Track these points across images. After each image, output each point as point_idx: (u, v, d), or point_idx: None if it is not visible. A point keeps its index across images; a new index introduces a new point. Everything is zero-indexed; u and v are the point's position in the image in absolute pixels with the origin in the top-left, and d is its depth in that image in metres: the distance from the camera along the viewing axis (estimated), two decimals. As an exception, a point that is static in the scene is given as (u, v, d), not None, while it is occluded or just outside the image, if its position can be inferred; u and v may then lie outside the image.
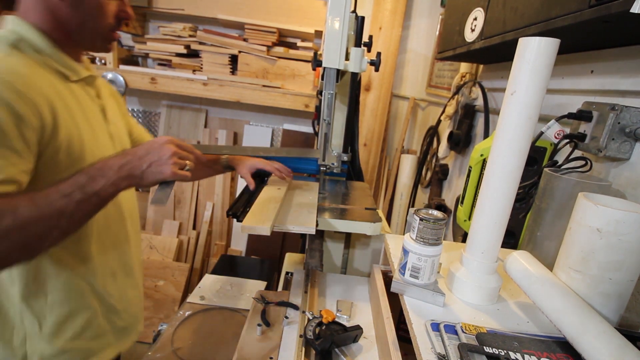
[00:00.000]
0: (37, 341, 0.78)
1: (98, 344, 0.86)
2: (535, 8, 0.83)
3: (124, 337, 0.93)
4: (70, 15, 0.75)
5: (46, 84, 0.71)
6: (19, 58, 0.69)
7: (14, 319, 0.77)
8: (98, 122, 0.83)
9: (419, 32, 2.39)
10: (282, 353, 0.76)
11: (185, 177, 0.74)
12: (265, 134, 2.69)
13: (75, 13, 0.75)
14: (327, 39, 0.98)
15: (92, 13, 0.76)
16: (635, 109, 0.74)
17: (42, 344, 0.78)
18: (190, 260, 2.66)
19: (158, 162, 0.71)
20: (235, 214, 1.06)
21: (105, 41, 0.83)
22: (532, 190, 0.87)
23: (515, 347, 0.55)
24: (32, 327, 0.77)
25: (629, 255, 0.56)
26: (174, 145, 0.73)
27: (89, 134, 0.78)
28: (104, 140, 0.84)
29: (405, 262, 0.71)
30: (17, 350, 0.77)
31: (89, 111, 0.81)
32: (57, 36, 0.76)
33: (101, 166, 0.68)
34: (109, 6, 0.79)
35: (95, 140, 0.79)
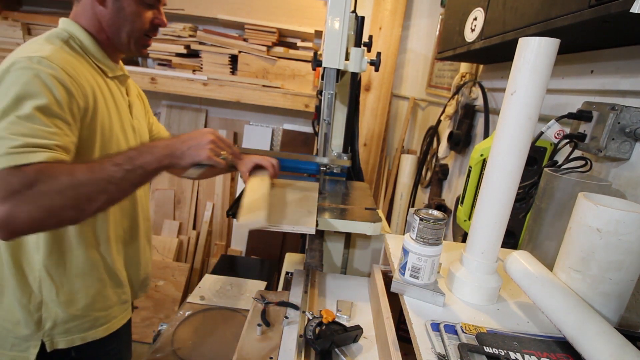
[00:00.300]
0: (53, 307, 0.86)
1: (105, 315, 0.95)
2: (535, 8, 0.83)
3: (125, 310, 1.02)
4: (111, 21, 0.88)
5: (89, 75, 0.85)
6: (69, 51, 0.83)
7: (32, 284, 0.85)
8: (125, 116, 0.96)
9: (419, 32, 2.39)
10: (282, 353, 0.76)
11: (218, 164, 0.85)
12: (265, 134, 2.69)
13: (115, 19, 0.88)
14: (327, 39, 0.98)
15: (130, 20, 0.89)
16: (635, 109, 0.74)
17: (57, 310, 0.86)
18: (190, 260, 2.66)
19: (197, 146, 0.82)
20: (235, 214, 1.06)
21: (140, 45, 0.94)
22: (532, 190, 0.87)
23: (515, 347, 0.55)
24: (50, 294, 0.85)
25: (629, 255, 0.56)
26: (214, 136, 0.85)
27: (118, 124, 0.91)
28: (129, 132, 0.96)
29: (405, 262, 0.71)
30: (33, 315, 0.85)
31: (120, 105, 0.94)
32: (100, 38, 0.90)
33: (150, 144, 0.80)
34: (145, 14, 0.91)
35: (122, 130, 0.92)
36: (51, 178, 0.67)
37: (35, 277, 0.85)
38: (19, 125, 0.68)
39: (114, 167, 0.73)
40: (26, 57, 0.73)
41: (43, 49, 0.77)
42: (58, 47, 0.81)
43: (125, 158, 0.75)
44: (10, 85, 0.71)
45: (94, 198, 0.71)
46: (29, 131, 0.68)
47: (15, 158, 0.65)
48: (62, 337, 0.88)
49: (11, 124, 0.68)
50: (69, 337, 0.89)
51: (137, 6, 0.89)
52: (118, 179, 0.73)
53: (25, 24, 2.28)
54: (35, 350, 0.86)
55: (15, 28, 2.26)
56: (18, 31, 2.26)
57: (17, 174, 0.65)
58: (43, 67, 0.73)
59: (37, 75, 0.72)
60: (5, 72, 0.72)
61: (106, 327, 0.95)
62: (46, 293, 0.86)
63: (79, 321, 0.90)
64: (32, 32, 2.30)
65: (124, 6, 0.87)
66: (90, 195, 0.71)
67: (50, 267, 0.85)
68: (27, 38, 2.26)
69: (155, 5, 0.93)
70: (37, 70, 0.72)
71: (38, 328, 0.86)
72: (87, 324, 0.91)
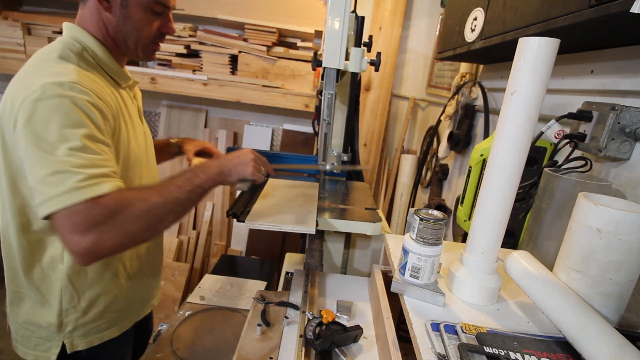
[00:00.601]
0: (73, 313, 0.90)
1: (120, 316, 0.99)
2: (535, 8, 0.83)
3: (140, 309, 1.07)
4: (118, 29, 0.87)
5: (108, 90, 0.86)
6: (86, 68, 0.83)
7: (55, 294, 0.88)
8: (137, 125, 0.98)
9: (419, 32, 2.39)
10: (282, 353, 0.76)
11: (259, 178, 0.95)
12: (265, 134, 2.69)
13: (122, 27, 0.87)
14: (327, 39, 0.98)
15: (137, 27, 0.88)
16: (635, 109, 0.74)
17: (77, 314, 0.90)
18: (190, 260, 2.66)
19: (242, 164, 0.92)
20: (235, 214, 1.06)
21: (148, 52, 0.94)
22: (532, 190, 0.87)
23: (515, 347, 0.55)
24: (71, 302, 0.89)
25: (629, 255, 0.56)
26: (254, 154, 0.95)
27: (133, 134, 0.93)
28: (141, 139, 0.98)
29: (405, 262, 0.71)
30: (54, 320, 0.89)
31: (132, 114, 0.96)
32: (107, 44, 0.88)
33: (202, 166, 0.87)
34: (153, 22, 0.90)
35: (135, 139, 0.94)
36: (129, 205, 0.72)
37: (58, 286, 0.87)
38: (75, 157, 0.70)
39: (178, 190, 0.80)
40: (56, 84, 0.72)
41: (66, 71, 0.77)
42: (76, 65, 0.81)
43: (185, 180, 0.82)
44: (49, 116, 0.71)
45: (164, 219, 0.79)
46: (86, 162, 0.71)
47: (88, 191, 0.69)
48: (81, 339, 0.92)
49: (68, 157, 0.70)
50: (88, 339, 0.93)
51: (144, 14, 0.87)
52: (182, 200, 0.80)
53: (25, 24, 2.28)
54: (56, 351, 0.90)
55: (15, 28, 2.26)
56: (18, 31, 2.26)
57: (97, 206, 0.70)
58: (76, 93, 0.74)
59: (74, 103, 0.73)
60: (37, 101, 0.71)
61: (120, 327, 0.99)
62: (67, 301, 0.88)
63: (97, 323, 0.93)
64: (32, 32, 2.30)
65: (131, 14, 0.86)
66: (161, 216, 0.78)
67: (73, 277, 0.88)
68: (27, 38, 2.27)
69: (164, 13, 0.92)
70: (73, 98, 0.73)
71: (59, 331, 0.90)
72: (104, 325, 0.95)
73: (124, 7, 0.85)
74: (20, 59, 2.25)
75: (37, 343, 0.91)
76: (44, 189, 0.69)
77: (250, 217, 0.96)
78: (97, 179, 0.71)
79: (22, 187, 0.81)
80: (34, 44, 2.27)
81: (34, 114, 0.71)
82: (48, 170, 0.69)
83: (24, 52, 2.29)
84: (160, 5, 0.89)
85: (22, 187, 0.80)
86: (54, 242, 0.85)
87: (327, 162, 1.23)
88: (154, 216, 0.76)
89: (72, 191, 0.68)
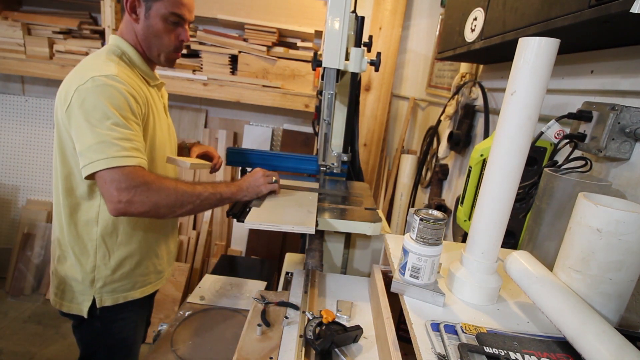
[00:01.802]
0: (104, 270, 1.08)
1: (143, 280, 1.16)
2: (535, 8, 0.83)
3: (159, 278, 1.23)
4: (144, 37, 1.06)
5: (141, 85, 1.06)
6: (124, 66, 1.04)
7: (90, 250, 1.07)
8: (162, 117, 1.16)
9: (419, 32, 2.39)
10: (282, 353, 0.76)
11: (274, 188, 1.14)
12: (265, 134, 2.69)
13: (146, 35, 1.06)
14: (327, 39, 0.98)
15: (158, 36, 1.06)
16: (635, 109, 0.74)
17: (107, 272, 1.08)
18: (190, 260, 2.66)
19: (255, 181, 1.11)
20: (235, 214, 1.06)
21: (170, 60, 1.13)
22: (532, 190, 0.87)
23: (515, 347, 0.55)
24: (103, 259, 1.07)
25: (629, 255, 0.56)
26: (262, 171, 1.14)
27: (158, 125, 1.11)
28: (165, 131, 1.17)
29: (405, 262, 0.71)
30: (89, 275, 1.07)
31: (159, 108, 1.14)
32: (139, 51, 1.08)
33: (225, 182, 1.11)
34: (171, 31, 1.08)
35: (160, 130, 1.12)
36: (161, 181, 0.96)
37: (93, 244, 1.06)
38: (114, 132, 0.91)
39: (202, 188, 1.02)
40: (102, 76, 0.93)
41: (109, 67, 0.97)
42: (117, 63, 1.01)
43: (209, 184, 1.04)
44: (97, 99, 0.91)
45: (184, 206, 0.99)
46: (123, 136, 0.92)
47: (123, 160, 0.90)
48: (108, 295, 1.09)
49: (109, 131, 0.90)
50: (114, 296, 1.10)
51: (163, 24, 1.05)
52: (203, 197, 1.01)
53: (25, 24, 2.28)
54: (88, 304, 1.08)
55: (15, 28, 2.26)
56: (18, 31, 2.26)
57: (137, 174, 0.92)
58: (117, 83, 0.94)
59: (117, 89, 0.94)
60: (88, 88, 0.92)
61: (142, 290, 1.16)
62: (100, 258, 1.07)
63: (122, 282, 1.11)
64: (32, 32, 2.30)
65: (152, 24, 1.05)
66: (183, 202, 0.98)
67: (106, 237, 1.07)
68: (27, 38, 2.26)
69: (180, 24, 1.08)
70: (115, 87, 0.94)
71: (91, 285, 1.07)
72: (128, 285, 1.12)
73: (147, 19, 1.04)
74: (20, 59, 2.25)
75: (72, 297, 1.09)
76: (91, 154, 0.90)
77: (250, 217, 0.96)
78: (129, 152, 0.92)
79: (70, 158, 1.01)
80: (34, 44, 2.27)
81: (85, 98, 0.91)
82: (94, 140, 0.90)
83: (24, 52, 2.29)
84: (175, 16, 1.06)
85: (70, 158, 1.01)
86: (91, 207, 1.04)
87: (327, 162, 1.24)
88: (177, 199, 0.97)
89: (112, 158, 0.89)
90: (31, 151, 2.70)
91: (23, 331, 2.28)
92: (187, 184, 1.00)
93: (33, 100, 2.65)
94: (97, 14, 2.33)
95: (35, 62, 2.24)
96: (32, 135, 2.68)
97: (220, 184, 1.06)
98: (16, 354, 2.12)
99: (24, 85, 2.67)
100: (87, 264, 1.06)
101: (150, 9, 1.03)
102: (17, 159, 2.71)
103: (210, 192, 1.02)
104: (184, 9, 1.06)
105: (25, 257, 2.60)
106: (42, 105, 2.66)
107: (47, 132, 2.69)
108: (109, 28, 2.19)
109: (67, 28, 2.30)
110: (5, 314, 2.41)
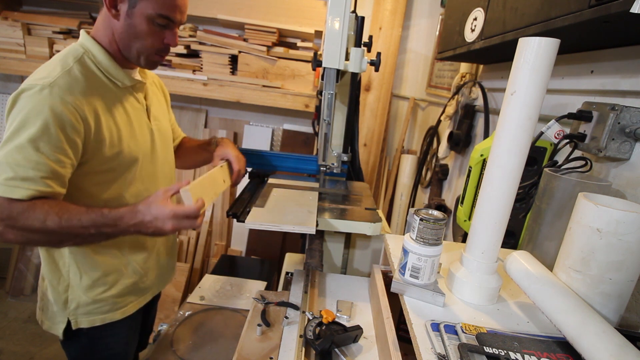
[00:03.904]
0: (77, 290, 0.99)
1: (122, 300, 1.05)
2: (535, 8, 0.83)
3: (144, 294, 1.12)
4: (122, 36, 0.92)
5: (95, 91, 0.91)
6: (79, 70, 0.89)
7: (62, 269, 0.98)
8: (140, 121, 1.01)
9: (419, 32, 2.39)
10: (282, 353, 0.76)
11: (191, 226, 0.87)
12: (265, 134, 2.69)
13: (126, 35, 0.92)
14: (327, 39, 0.98)
15: (140, 37, 0.92)
16: (635, 109, 0.74)
17: (80, 293, 0.99)
18: (190, 260, 2.66)
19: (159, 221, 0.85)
20: (235, 214, 1.06)
21: (149, 62, 0.98)
22: (532, 190, 0.87)
23: (515, 347, 0.55)
24: (75, 278, 0.98)
25: (629, 255, 0.56)
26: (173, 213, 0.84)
27: (127, 131, 0.96)
28: (144, 136, 1.02)
29: (405, 262, 0.71)
30: (62, 295, 0.99)
31: (132, 112, 0.99)
32: (112, 50, 0.95)
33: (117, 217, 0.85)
34: (156, 34, 0.93)
35: (133, 137, 0.98)
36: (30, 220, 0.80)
37: (65, 262, 0.97)
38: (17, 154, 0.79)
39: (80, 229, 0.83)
40: (33, 85, 0.82)
41: (51, 74, 0.84)
42: (68, 69, 0.87)
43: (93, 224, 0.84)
44: (17, 113, 0.81)
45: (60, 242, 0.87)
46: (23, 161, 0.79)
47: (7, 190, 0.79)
48: (84, 317, 1.00)
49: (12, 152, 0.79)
50: (90, 318, 1.01)
51: (148, 25, 0.91)
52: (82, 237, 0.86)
53: (25, 24, 2.28)
54: (62, 326, 1.00)
55: (15, 28, 2.26)
56: (18, 31, 2.26)
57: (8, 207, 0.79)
58: (44, 97, 0.81)
59: (40, 104, 0.81)
60: (16, 97, 0.82)
61: (123, 311, 1.05)
62: (72, 277, 0.98)
63: (98, 305, 1.01)
64: (32, 32, 2.30)
65: (135, 24, 0.90)
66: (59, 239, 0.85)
67: (77, 256, 0.97)
68: (27, 38, 2.27)
69: (169, 26, 0.95)
70: (38, 101, 0.81)
71: (65, 307, 0.99)
72: (106, 307, 1.02)
73: (129, 17, 0.90)
74: (20, 59, 2.25)
75: (51, 315, 1.02)
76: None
77: (250, 217, 0.96)
78: (19, 182, 0.79)
79: None
80: (34, 44, 2.27)
81: (12, 107, 0.83)
82: None
83: (24, 52, 2.29)
84: (164, 19, 0.92)
85: None
86: None
87: (327, 162, 1.23)
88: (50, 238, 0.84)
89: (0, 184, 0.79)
90: (31, 151, 2.70)
91: (23, 331, 2.28)
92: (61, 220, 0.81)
93: (33, 100, 2.65)
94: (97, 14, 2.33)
95: (35, 62, 2.24)
96: (32, 135, 2.68)
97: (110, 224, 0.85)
98: (16, 354, 2.12)
99: (24, 85, 2.67)
100: (59, 284, 0.98)
101: (134, 6, 0.89)
102: (17, 159, 2.71)
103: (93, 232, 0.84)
104: (174, 10, 0.92)
105: (25, 257, 2.60)
106: (42, 105, 2.66)
107: (47, 132, 2.68)
108: (109, 28, 2.19)
109: (67, 28, 2.30)
110: (5, 314, 2.41)
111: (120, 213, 0.85)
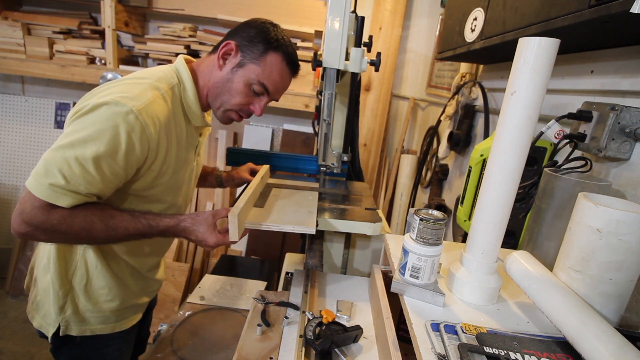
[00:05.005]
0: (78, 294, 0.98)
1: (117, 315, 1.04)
2: (535, 8, 0.83)
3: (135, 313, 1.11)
4: (216, 84, 0.97)
5: (173, 121, 0.93)
6: (165, 99, 0.90)
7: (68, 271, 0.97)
8: (189, 156, 1.04)
9: (419, 32, 2.39)
10: (282, 353, 0.76)
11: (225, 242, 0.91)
12: (265, 134, 2.69)
13: (220, 85, 0.97)
14: (327, 39, 0.98)
15: (230, 93, 0.97)
16: (635, 109, 0.74)
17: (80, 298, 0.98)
18: (190, 260, 2.66)
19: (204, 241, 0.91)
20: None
21: (225, 117, 1.02)
22: (532, 190, 0.87)
23: (515, 347, 0.55)
24: (80, 282, 0.97)
25: (629, 255, 0.56)
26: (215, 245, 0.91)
27: (177, 166, 0.99)
28: (185, 171, 1.04)
29: (405, 262, 0.71)
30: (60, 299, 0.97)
31: (188, 147, 1.02)
32: (202, 91, 0.99)
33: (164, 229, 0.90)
34: (248, 97, 0.98)
35: (177, 170, 1.00)
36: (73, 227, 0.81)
37: (73, 265, 0.97)
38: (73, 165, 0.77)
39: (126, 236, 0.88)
40: (120, 104, 0.80)
41: (141, 98, 0.83)
42: (155, 97, 0.87)
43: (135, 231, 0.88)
44: (92, 122, 0.79)
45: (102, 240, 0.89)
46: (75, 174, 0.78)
47: (51, 196, 0.77)
48: (76, 324, 0.99)
49: (69, 160, 0.77)
50: (81, 327, 1.00)
51: (244, 87, 0.96)
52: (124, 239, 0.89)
53: (25, 24, 2.28)
54: (53, 329, 0.98)
55: (15, 28, 2.26)
56: (18, 31, 2.26)
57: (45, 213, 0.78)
58: (127, 122, 0.80)
59: (118, 127, 0.79)
60: (98, 105, 0.79)
61: (113, 326, 1.04)
62: (77, 281, 0.97)
63: (93, 314, 1.00)
64: (32, 32, 2.30)
65: (234, 80, 0.96)
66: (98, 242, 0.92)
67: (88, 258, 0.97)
68: (27, 38, 2.27)
69: (261, 96, 1.00)
70: (120, 123, 0.79)
71: (60, 312, 0.97)
72: (99, 319, 1.01)
73: (232, 73, 0.96)
74: (20, 59, 2.25)
75: (45, 313, 0.99)
76: (39, 167, 0.78)
77: (250, 217, 0.96)
78: (68, 192, 0.79)
79: None
80: (34, 44, 2.27)
81: (88, 113, 0.79)
82: (51, 158, 0.78)
83: (24, 52, 2.29)
84: (261, 87, 0.98)
85: None
86: None
87: (327, 162, 1.23)
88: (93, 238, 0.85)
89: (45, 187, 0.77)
90: (31, 151, 2.71)
91: (23, 331, 2.28)
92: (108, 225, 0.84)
93: (33, 101, 2.65)
94: (97, 14, 2.33)
95: (35, 62, 2.24)
96: (32, 135, 2.68)
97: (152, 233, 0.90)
98: (16, 354, 2.12)
99: (24, 85, 2.67)
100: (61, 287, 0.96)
101: (242, 66, 0.95)
102: (17, 159, 2.72)
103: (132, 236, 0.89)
104: (274, 85, 0.98)
105: (25, 257, 2.60)
106: (42, 106, 2.66)
107: (47, 132, 2.69)
108: (108, 28, 2.19)
109: (67, 28, 2.30)
110: (5, 314, 2.41)
111: (166, 225, 0.90)
